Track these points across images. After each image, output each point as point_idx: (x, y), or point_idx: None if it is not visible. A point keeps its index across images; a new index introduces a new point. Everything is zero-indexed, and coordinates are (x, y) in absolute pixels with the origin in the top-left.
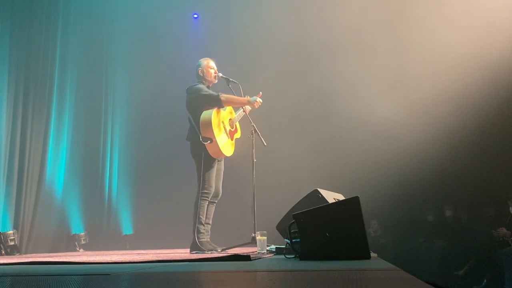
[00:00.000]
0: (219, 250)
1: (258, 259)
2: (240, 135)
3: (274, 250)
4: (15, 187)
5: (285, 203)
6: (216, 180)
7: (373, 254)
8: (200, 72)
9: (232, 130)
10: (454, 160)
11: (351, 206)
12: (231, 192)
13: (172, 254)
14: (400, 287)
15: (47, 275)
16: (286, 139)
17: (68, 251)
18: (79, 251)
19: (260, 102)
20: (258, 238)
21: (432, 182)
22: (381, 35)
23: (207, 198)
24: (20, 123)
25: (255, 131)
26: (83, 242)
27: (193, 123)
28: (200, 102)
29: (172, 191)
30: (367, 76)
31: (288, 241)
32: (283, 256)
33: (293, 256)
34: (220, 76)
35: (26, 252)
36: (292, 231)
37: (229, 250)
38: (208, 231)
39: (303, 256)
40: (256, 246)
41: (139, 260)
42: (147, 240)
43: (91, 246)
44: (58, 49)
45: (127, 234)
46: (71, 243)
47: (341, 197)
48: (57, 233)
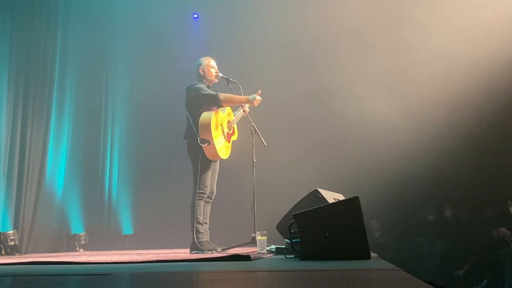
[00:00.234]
0: (219, 250)
1: (258, 259)
2: (237, 137)
3: (274, 250)
4: (15, 187)
5: (285, 203)
6: (211, 180)
7: (373, 254)
8: (200, 71)
9: (230, 132)
10: (454, 160)
11: (351, 206)
12: (231, 192)
13: (172, 254)
14: (400, 287)
15: (47, 275)
16: (286, 139)
17: (68, 251)
18: (79, 251)
19: (259, 100)
20: (258, 238)
21: (432, 182)
22: (381, 35)
23: (203, 198)
24: (20, 123)
25: (255, 131)
26: (83, 242)
27: (191, 123)
28: (199, 102)
29: (172, 191)
30: (367, 76)
31: (288, 241)
32: (283, 256)
33: (293, 256)
34: (220, 76)
35: (26, 252)
36: (292, 231)
37: (229, 250)
38: (207, 231)
39: (303, 256)
40: (256, 246)
41: (139, 260)
42: (147, 240)
43: (91, 246)
44: (58, 49)
45: (127, 234)
46: (71, 243)
47: (341, 197)
48: (57, 233)
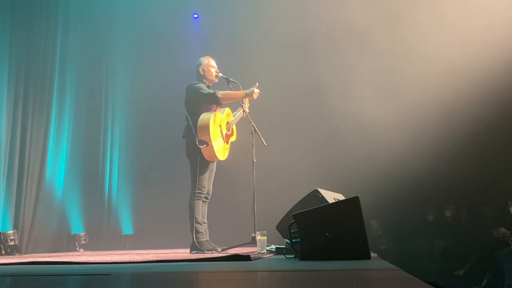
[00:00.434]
0: (219, 250)
1: (258, 259)
2: (235, 138)
3: (274, 250)
4: (15, 187)
5: (285, 203)
6: (208, 181)
7: (373, 254)
8: (200, 71)
9: (229, 133)
10: (454, 160)
11: (351, 206)
12: (231, 192)
13: (172, 254)
14: (400, 287)
15: (47, 275)
16: (286, 139)
17: (68, 251)
18: (79, 251)
19: (258, 93)
20: (258, 238)
21: (432, 182)
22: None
23: (201, 198)
24: (20, 123)
25: (255, 131)
26: (83, 242)
27: (190, 123)
28: (198, 101)
29: (172, 191)
30: (367, 77)
31: (288, 241)
32: (283, 256)
33: (293, 256)
34: (220, 76)
35: (26, 252)
36: (292, 231)
37: (229, 250)
38: (206, 230)
39: (303, 256)
40: (256, 246)
41: (139, 260)
42: (147, 240)
43: (91, 246)
44: (58, 49)
45: (127, 234)
46: (71, 243)
47: (341, 197)
48: (57, 233)
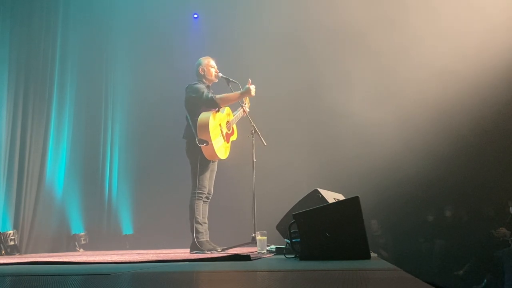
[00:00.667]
0: (219, 250)
1: (258, 259)
2: (236, 137)
3: (274, 250)
4: (15, 187)
5: (285, 203)
6: (209, 180)
7: (373, 254)
8: (200, 71)
9: (229, 132)
10: (454, 160)
11: (351, 206)
12: (231, 192)
13: (172, 254)
14: (400, 287)
15: (47, 275)
16: (286, 139)
17: (68, 251)
18: (79, 251)
19: (253, 89)
20: (258, 238)
21: (432, 182)
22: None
23: (201, 198)
24: (20, 123)
25: (255, 131)
26: (83, 242)
27: (190, 122)
28: (198, 102)
29: (172, 191)
30: (368, 77)
31: (288, 241)
32: (283, 256)
33: (293, 256)
34: (220, 76)
35: (26, 252)
36: (292, 231)
37: (229, 250)
38: (206, 230)
39: (303, 256)
40: (256, 246)
41: (139, 260)
42: (147, 240)
43: (91, 246)
44: (58, 48)
45: (127, 234)
46: (71, 243)
47: (341, 197)
48: (57, 233)
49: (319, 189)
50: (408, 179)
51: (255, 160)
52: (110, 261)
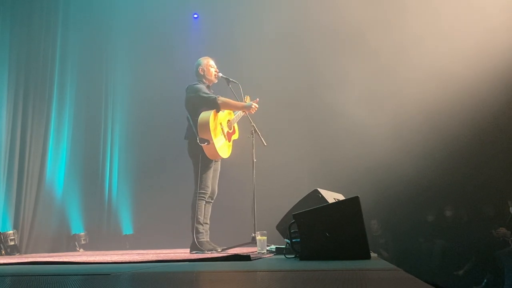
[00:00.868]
0: (219, 250)
1: (258, 259)
2: (237, 136)
3: (274, 250)
4: (15, 187)
5: (285, 203)
6: (213, 180)
7: (373, 254)
8: (200, 71)
9: (230, 131)
10: (454, 160)
11: (351, 206)
12: (231, 192)
13: (172, 254)
14: (400, 287)
15: (47, 275)
16: (286, 139)
17: (68, 251)
18: (79, 251)
19: (255, 108)
20: (258, 238)
21: (432, 182)
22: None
23: (204, 198)
24: (20, 123)
25: (255, 131)
26: (83, 242)
27: (191, 123)
28: (198, 102)
29: (172, 191)
30: (368, 77)
31: (288, 241)
32: (283, 256)
33: (293, 256)
34: (220, 76)
35: (26, 252)
36: (292, 231)
37: (229, 250)
38: (207, 231)
39: (303, 256)
40: (256, 246)
41: (139, 260)
42: (147, 240)
43: (91, 246)
44: (58, 48)
45: (127, 234)
46: (71, 243)
47: (341, 197)
48: (57, 233)
49: (319, 189)
50: (408, 179)
51: (255, 160)
52: (110, 261)
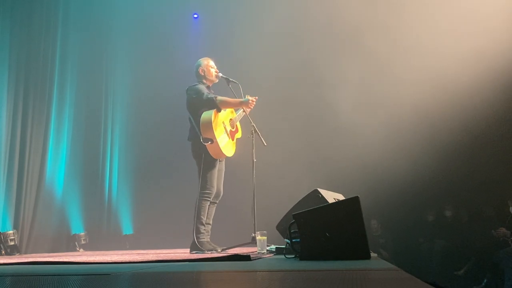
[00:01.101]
0: (219, 250)
1: (258, 259)
2: (241, 135)
3: (274, 250)
4: (15, 187)
5: (285, 203)
6: (218, 180)
7: (373, 254)
8: (200, 72)
9: (233, 130)
10: (454, 160)
11: (351, 206)
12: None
13: (172, 254)
14: (400, 287)
15: (47, 275)
16: (286, 139)
17: (68, 251)
18: (79, 251)
19: (253, 102)
20: (258, 238)
21: (432, 182)
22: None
23: (209, 198)
24: (20, 123)
25: (255, 131)
26: (83, 242)
27: (193, 123)
28: (198, 103)
29: (172, 191)
30: (368, 77)
31: (288, 241)
32: (283, 256)
33: (293, 256)
34: (220, 76)
35: (26, 252)
36: (292, 231)
37: (229, 250)
38: (208, 231)
39: (303, 256)
40: (256, 246)
41: (139, 260)
42: (147, 240)
43: (91, 246)
44: (58, 48)
45: (127, 234)
46: (71, 243)
47: (341, 197)
48: (57, 233)
49: (319, 189)
50: (408, 179)
51: (255, 160)
52: (110, 261)
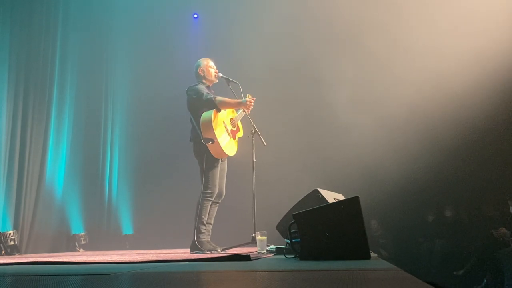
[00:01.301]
0: (219, 250)
1: (258, 259)
2: (242, 134)
3: (274, 250)
4: (15, 187)
5: (285, 203)
6: (220, 180)
7: (373, 254)
8: (200, 72)
9: (234, 129)
10: (455, 160)
11: (351, 206)
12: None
13: (172, 254)
14: (400, 287)
15: (47, 275)
16: (286, 139)
17: (68, 251)
18: (79, 251)
19: (251, 102)
20: (258, 238)
21: (432, 182)
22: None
23: (211, 198)
24: (20, 123)
25: (255, 131)
26: (83, 242)
27: (194, 124)
28: (198, 104)
29: (172, 191)
30: (367, 77)
31: (288, 241)
32: (283, 256)
33: (293, 256)
34: (220, 76)
35: (26, 252)
36: (292, 231)
37: (229, 250)
38: (209, 231)
39: (303, 256)
40: (256, 246)
41: (139, 260)
42: (147, 240)
43: (91, 246)
44: (58, 48)
45: (127, 234)
46: (71, 243)
47: (341, 197)
48: (57, 233)
49: (319, 189)
50: (408, 179)
51: (255, 160)
52: (110, 261)
